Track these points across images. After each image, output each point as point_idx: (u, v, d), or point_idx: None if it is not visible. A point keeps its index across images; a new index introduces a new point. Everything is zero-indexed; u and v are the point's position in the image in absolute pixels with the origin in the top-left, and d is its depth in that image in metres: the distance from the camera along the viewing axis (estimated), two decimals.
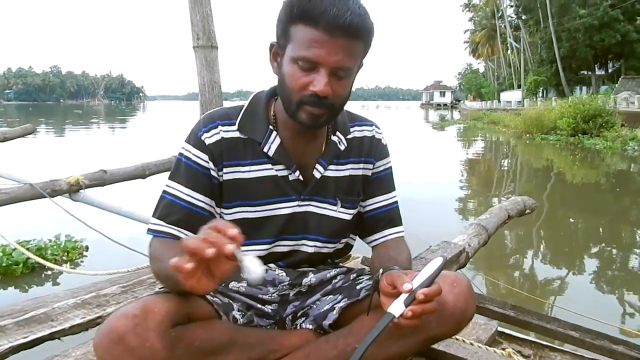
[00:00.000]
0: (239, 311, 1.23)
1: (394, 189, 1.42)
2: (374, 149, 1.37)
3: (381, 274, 1.12)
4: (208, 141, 1.22)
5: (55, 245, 4.79)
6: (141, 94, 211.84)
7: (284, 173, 1.26)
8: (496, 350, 1.54)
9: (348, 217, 1.35)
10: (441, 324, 1.13)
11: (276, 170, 1.25)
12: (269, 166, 1.25)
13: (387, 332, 0.98)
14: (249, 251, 1.27)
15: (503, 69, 65.70)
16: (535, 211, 3.85)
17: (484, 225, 2.84)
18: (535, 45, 51.79)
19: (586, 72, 44.87)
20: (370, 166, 1.37)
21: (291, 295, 1.31)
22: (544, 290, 4.50)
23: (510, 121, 25.23)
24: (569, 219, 7.62)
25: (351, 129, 1.35)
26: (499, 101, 55.22)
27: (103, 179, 3.91)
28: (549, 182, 11.20)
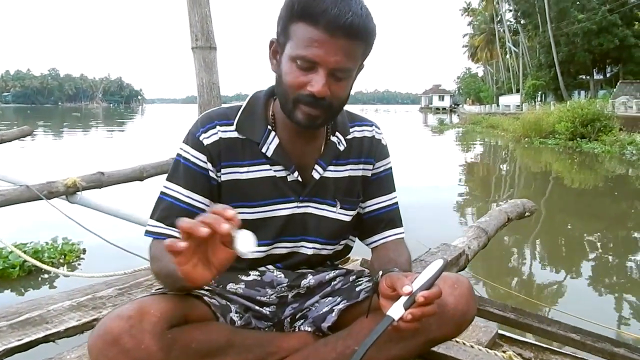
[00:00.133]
0: (236, 313, 1.21)
1: (394, 190, 1.40)
2: (373, 150, 1.36)
3: (381, 276, 1.10)
4: (206, 142, 1.20)
5: (52, 248, 4.77)
6: (140, 97, 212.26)
7: (282, 174, 1.24)
8: (497, 353, 1.53)
9: (347, 219, 1.33)
10: (442, 326, 1.11)
11: (275, 171, 1.24)
12: (267, 167, 1.23)
13: (387, 334, 0.97)
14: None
15: (502, 73, 65.91)
16: (534, 215, 3.83)
17: (483, 227, 2.83)
18: (534, 49, 51.94)
19: (584, 77, 44.99)
20: (370, 167, 1.35)
21: (290, 297, 1.29)
22: (542, 294, 4.49)
23: (509, 125, 25.26)
24: (567, 223, 7.62)
25: (351, 129, 1.33)
26: (497, 105, 55.43)
27: (100, 181, 3.88)
28: (548, 186, 11.21)
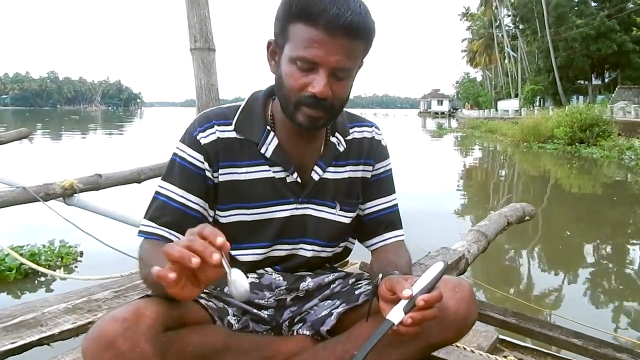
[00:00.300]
0: (234, 316, 1.19)
1: (394, 192, 1.38)
2: (373, 151, 1.34)
3: (380, 279, 1.08)
4: (203, 141, 1.19)
5: (49, 251, 4.75)
6: (139, 100, 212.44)
7: (281, 175, 1.22)
8: (498, 358, 1.51)
9: (347, 221, 1.31)
10: (442, 331, 1.09)
11: (273, 172, 1.22)
12: (266, 168, 1.21)
13: (387, 339, 0.96)
14: (245, 255, 1.24)
15: (500, 77, 66.05)
16: (533, 220, 3.82)
17: (483, 231, 2.82)
18: (532, 54, 52.12)
19: (583, 82, 45.17)
20: (370, 168, 1.34)
21: (288, 300, 1.28)
22: (541, 300, 4.47)
23: (508, 130, 25.29)
24: (566, 229, 7.60)
25: (350, 130, 1.32)
26: (496, 110, 55.53)
27: (98, 183, 3.86)
28: (547, 191, 11.21)
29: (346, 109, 1.28)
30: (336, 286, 1.31)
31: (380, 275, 1.10)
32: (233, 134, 1.21)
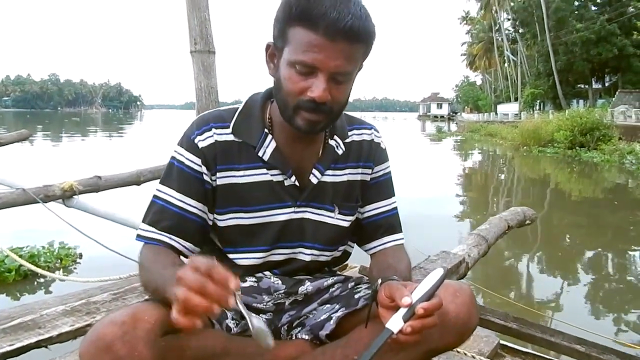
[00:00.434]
0: (232, 320, 1.18)
1: (394, 195, 1.37)
2: (373, 153, 1.33)
3: (380, 284, 1.07)
4: (201, 144, 1.18)
5: (48, 252, 4.75)
6: (139, 103, 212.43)
7: (279, 178, 1.21)
8: None
9: (346, 224, 1.30)
10: (443, 336, 1.08)
11: (271, 175, 1.21)
12: (264, 171, 1.20)
13: (387, 344, 0.95)
14: (244, 259, 1.23)
15: (500, 81, 66.09)
16: (533, 224, 3.80)
17: (483, 235, 2.80)
18: (532, 58, 52.15)
19: (583, 86, 45.19)
20: (369, 171, 1.33)
21: (287, 304, 1.27)
22: (542, 304, 4.45)
23: (508, 134, 25.30)
24: (566, 233, 7.59)
25: (349, 133, 1.31)
26: (496, 113, 55.56)
27: (97, 185, 3.87)
28: (547, 195, 11.19)
29: (345, 112, 1.27)
30: (335, 290, 1.30)
31: (379, 280, 1.09)
32: (231, 137, 1.20)
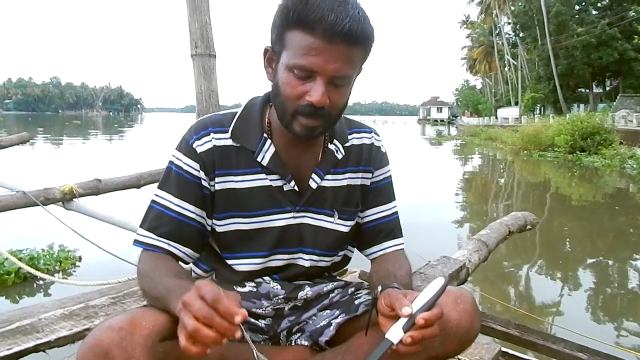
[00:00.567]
0: None
1: (394, 199, 1.36)
2: (373, 157, 1.32)
3: (380, 291, 1.06)
4: (200, 149, 1.17)
5: (48, 255, 4.74)
6: (139, 106, 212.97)
7: (278, 183, 1.20)
8: None
9: (345, 229, 1.29)
10: (444, 344, 1.07)
11: (270, 180, 1.20)
12: (262, 176, 1.19)
13: (386, 354, 0.94)
14: (243, 265, 1.22)
15: (500, 85, 66.07)
16: (534, 229, 3.79)
17: (484, 240, 2.79)
18: (532, 62, 52.21)
19: (584, 90, 45.21)
20: (369, 175, 1.32)
21: (286, 309, 1.26)
22: (544, 311, 4.43)
23: (508, 138, 25.27)
24: (567, 238, 7.57)
25: (349, 137, 1.30)
26: (496, 117, 55.53)
27: (97, 188, 3.86)
28: (547, 200, 11.18)
29: (345, 115, 1.26)
30: (335, 295, 1.29)
31: (379, 288, 1.08)
32: (229, 142, 1.19)
